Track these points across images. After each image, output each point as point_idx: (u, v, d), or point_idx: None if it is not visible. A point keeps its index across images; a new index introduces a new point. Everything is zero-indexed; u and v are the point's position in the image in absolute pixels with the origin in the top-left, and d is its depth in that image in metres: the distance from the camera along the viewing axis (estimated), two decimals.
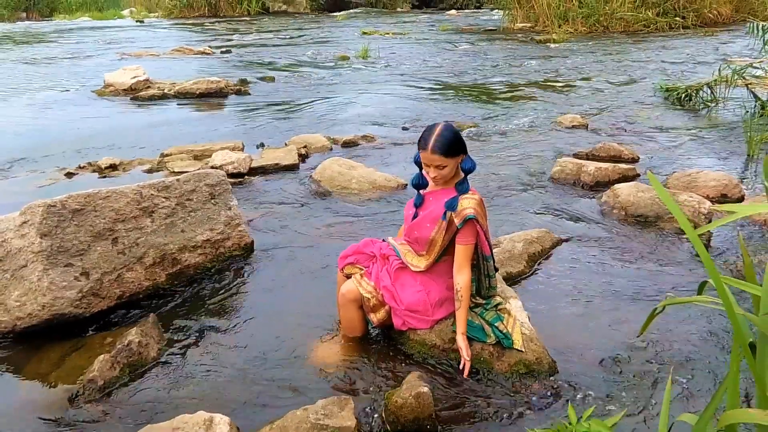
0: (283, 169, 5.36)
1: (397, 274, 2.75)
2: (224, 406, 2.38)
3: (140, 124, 7.35)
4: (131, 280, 3.19)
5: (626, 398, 2.42)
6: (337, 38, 16.63)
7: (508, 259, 3.49)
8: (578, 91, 8.99)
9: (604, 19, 16.78)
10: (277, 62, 12.21)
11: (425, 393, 2.29)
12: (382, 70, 11.17)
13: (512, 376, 2.56)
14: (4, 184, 5.09)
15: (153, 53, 13.43)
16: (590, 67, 11.01)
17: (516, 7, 18.65)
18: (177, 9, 26.11)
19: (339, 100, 8.54)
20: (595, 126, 6.83)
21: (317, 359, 2.72)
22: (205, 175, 3.68)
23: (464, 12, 27.45)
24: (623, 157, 5.50)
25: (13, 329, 2.85)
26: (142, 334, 2.74)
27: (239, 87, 9.15)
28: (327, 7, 28.26)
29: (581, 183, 4.88)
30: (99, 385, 2.50)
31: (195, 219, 3.55)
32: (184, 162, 5.44)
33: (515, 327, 2.67)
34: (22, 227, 2.97)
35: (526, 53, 13.01)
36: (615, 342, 2.80)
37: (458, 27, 19.52)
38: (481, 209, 2.61)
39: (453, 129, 2.59)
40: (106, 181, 5.09)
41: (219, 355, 2.75)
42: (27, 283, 2.88)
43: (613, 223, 4.13)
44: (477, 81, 9.99)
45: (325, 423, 2.21)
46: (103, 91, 9.13)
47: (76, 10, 30.07)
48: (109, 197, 3.22)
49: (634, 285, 3.32)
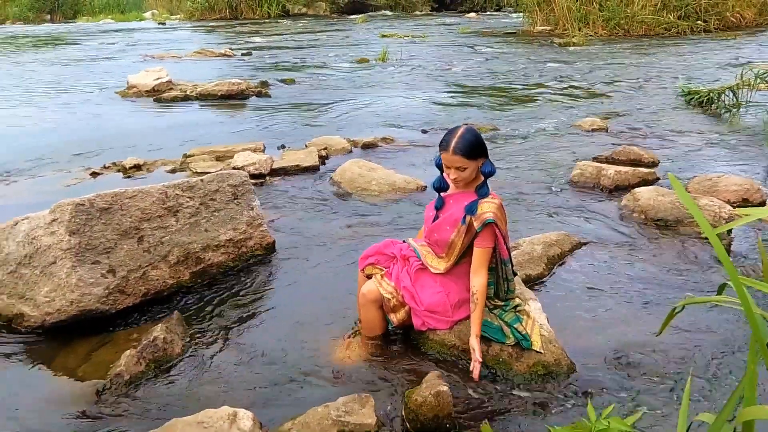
0: (303, 171, 5.41)
1: (417, 275, 2.78)
2: (247, 401, 2.43)
3: (163, 125, 7.46)
4: (156, 277, 3.25)
5: (645, 398, 2.43)
6: (357, 41, 16.70)
7: (528, 262, 3.51)
8: (598, 94, 8.97)
9: (624, 22, 16.67)
10: (297, 64, 12.30)
11: (445, 392, 2.31)
12: (402, 73, 11.21)
13: (531, 377, 2.58)
14: (32, 183, 5.20)
15: (175, 55, 13.59)
16: (610, 70, 10.96)
17: (536, 9, 18.59)
18: (198, 11, 26.36)
19: (358, 103, 8.59)
20: (615, 129, 6.81)
21: (338, 358, 2.76)
22: (228, 176, 3.75)
23: (484, 15, 27.43)
24: (643, 161, 5.48)
25: (43, 324, 2.92)
26: (167, 330, 2.80)
27: (260, 89, 9.23)
28: (346, 10, 28.36)
29: (601, 186, 4.88)
30: (125, 380, 2.56)
31: (218, 219, 3.61)
32: (206, 163, 5.52)
33: (534, 328, 2.69)
34: (51, 225, 3.04)
35: (545, 56, 12.98)
36: (634, 343, 2.82)
37: (478, 30, 19.51)
38: (500, 213, 2.63)
39: (475, 132, 2.62)
40: (131, 181, 5.18)
41: (242, 352, 2.80)
42: (56, 280, 2.96)
43: (633, 227, 4.13)
44: (496, 84, 10.00)
45: (346, 420, 2.25)
46: (126, 92, 9.26)
47: (99, 12, 30.47)
48: (136, 196, 3.29)
49: (653, 287, 3.32)
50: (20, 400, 2.52)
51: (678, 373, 2.60)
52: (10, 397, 2.54)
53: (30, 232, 3.08)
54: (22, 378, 2.67)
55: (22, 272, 3.04)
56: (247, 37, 18.22)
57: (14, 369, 2.73)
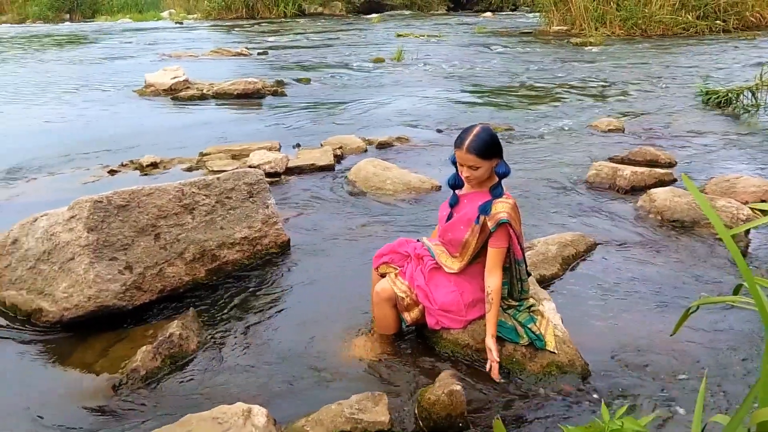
0: (318, 170, 5.44)
1: (431, 274, 2.78)
2: (261, 398, 2.45)
3: (180, 123, 7.52)
4: (172, 274, 3.29)
5: (660, 398, 2.42)
6: (372, 40, 16.72)
7: (542, 262, 3.51)
8: (615, 94, 8.92)
9: (642, 22, 16.56)
10: (312, 64, 12.34)
11: (458, 391, 2.32)
12: (417, 72, 11.21)
13: (544, 377, 2.57)
14: (51, 180, 5.27)
15: (192, 54, 13.68)
16: (627, 70, 10.89)
17: (552, 9, 18.51)
18: (215, 11, 26.53)
19: (374, 102, 8.60)
20: (631, 130, 6.77)
21: (352, 356, 2.77)
22: (244, 174, 3.77)
23: (500, 14, 27.34)
24: (660, 161, 5.44)
25: (61, 319, 2.96)
26: (182, 327, 2.83)
27: (276, 88, 9.27)
28: (362, 10, 28.40)
29: (617, 187, 4.86)
30: (141, 375, 2.59)
31: (234, 216, 3.64)
32: (222, 161, 5.55)
33: (548, 329, 2.68)
34: (70, 221, 3.08)
35: (562, 56, 12.92)
36: (649, 343, 2.80)
37: (494, 29, 19.45)
38: (514, 213, 2.63)
39: (491, 132, 2.62)
40: (148, 178, 5.23)
41: (256, 349, 2.82)
42: (74, 276, 2.99)
43: (649, 228, 4.10)
44: (512, 83, 9.97)
45: (360, 417, 2.26)
46: (143, 91, 9.35)
47: (117, 11, 30.74)
48: (153, 194, 3.32)
49: (668, 288, 3.30)
50: (39, 393, 2.56)
51: (693, 374, 2.59)
52: (29, 391, 2.58)
53: (49, 228, 3.12)
54: (40, 372, 2.71)
55: (41, 268, 3.08)
56: (263, 36, 18.31)
57: (33, 363, 2.77)
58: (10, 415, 2.43)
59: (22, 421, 2.40)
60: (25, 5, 29.84)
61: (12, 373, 2.71)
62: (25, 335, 2.97)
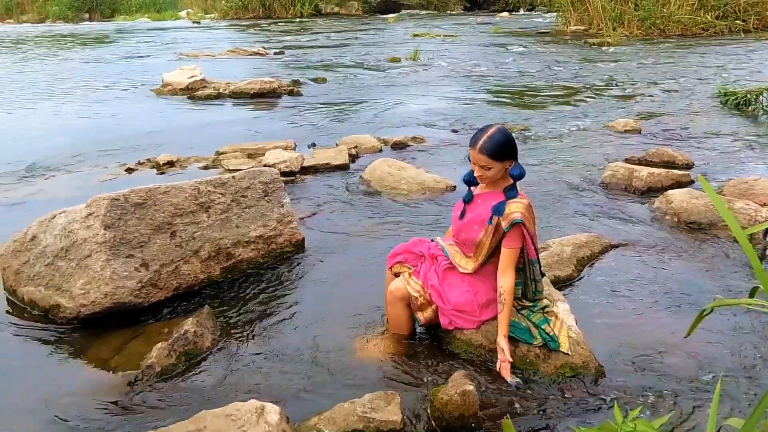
0: (333, 169, 5.45)
1: (445, 274, 2.78)
2: (275, 395, 2.46)
3: (196, 122, 7.58)
4: (188, 272, 3.31)
5: (674, 401, 2.41)
6: (388, 40, 16.73)
7: (557, 263, 3.49)
8: (632, 95, 8.85)
9: (660, 22, 16.43)
10: (328, 63, 12.37)
11: (471, 391, 2.31)
12: (433, 72, 11.20)
13: (558, 379, 2.56)
14: (69, 178, 5.33)
15: (209, 54, 13.77)
16: (645, 70, 10.81)
17: (569, 9, 18.41)
18: (232, 10, 26.70)
19: (389, 102, 8.61)
20: (648, 131, 6.72)
21: (365, 355, 2.78)
22: (259, 173, 3.79)
23: (516, 14, 27.24)
24: (677, 162, 5.40)
25: (78, 316, 2.99)
26: (197, 324, 2.85)
27: (292, 87, 9.31)
28: (379, 9, 28.43)
29: (633, 188, 4.82)
30: (156, 372, 2.62)
31: (249, 215, 3.66)
32: (238, 160, 5.59)
33: (562, 330, 2.67)
34: (87, 219, 3.12)
35: (579, 56, 12.85)
36: (664, 346, 2.78)
37: (510, 29, 19.39)
38: (528, 214, 2.62)
39: (506, 133, 2.61)
40: (164, 177, 5.27)
41: (270, 347, 2.84)
42: (91, 272, 3.03)
43: (665, 230, 4.07)
44: (528, 84, 9.93)
45: (372, 416, 2.27)
46: (161, 90, 9.42)
47: (136, 11, 31.01)
48: (169, 192, 3.35)
49: (684, 291, 3.28)
50: (55, 388, 2.59)
51: (708, 376, 2.57)
52: (46, 386, 2.61)
53: (67, 225, 3.16)
54: (57, 367, 2.74)
55: (58, 264, 3.12)
56: (279, 36, 18.38)
57: (50, 358, 2.80)
58: (27, 409, 2.47)
59: (38, 415, 2.43)
60: (45, 5, 30.20)
61: (29, 368, 2.74)
62: (42, 331, 3.00)
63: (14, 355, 2.84)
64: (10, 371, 2.73)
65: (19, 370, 2.73)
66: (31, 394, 2.56)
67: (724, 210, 1.06)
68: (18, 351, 2.86)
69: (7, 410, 2.47)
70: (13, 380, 2.67)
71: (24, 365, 2.76)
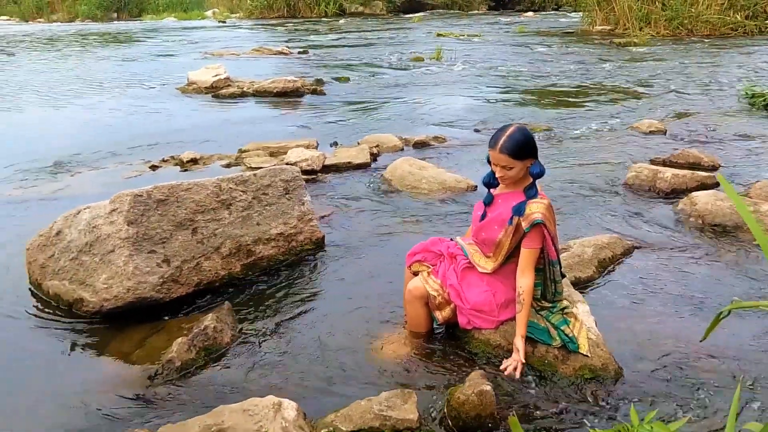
0: (354, 168, 5.46)
1: (463, 274, 2.77)
2: (292, 392, 2.48)
3: (220, 120, 7.64)
4: (208, 268, 3.34)
5: (692, 405, 2.37)
6: (412, 40, 16.72)
7: (577, 264, 3.46)
8: (658, 95, 8.74)
9: (688, 22, 16.19)
10: (352, 63, 12.39)
11: (488, 391, 2.31)
12: (456, 72, 11.17)
13: (576, 381, 2.54)
14: (95, 174, 5.41)
15: (234, 53, 13.87)
16: (672, 71, 10.67)
17: (595, 8, 18.24)
18: (257, 10, 26.89)
19: (411, 101, 8.60)
20: (674, 132, 6.63)
21: (383, 353, 2.78)
22: (280, 171, 3.82)
23: (542, 14, 27.05)
24: (702, 164, 5.32)
25: (100, 310, 3.04)
26: (217, 320, 2.87)
27: (315, 87, 9.34)
28: (403, 9, 28.41)
29: (656, 190, 4.76)
30: (176, 366, 2.65)
31: (270, 213, 3.68)
32: (260, 158, 5.62)
33: (581, 331, 2.65)
34: (111, 215, 3.16)
35: (604, 56, 12.72)
36: (684, 349, 2.75)
37: (535, 29, 19.26)
38: (549, 214, 2.60)
39: (526, 132, 2.60)
40: (187, 174, 5.33)
41: (289, 344, 2.86)
42: (114, 267, 3.07)
43: (689, 232, 4.02)
44: (552, 84, 9.86)
45: (388, 414, 2.27)
46: (186, 88, 9.52)
47: (163, 10, 31.36)
48: (191, 189, 3.38)
49: (706, 294, 3.23)
50: (78, 381, 2.63)
51: (727, 380, 2.53)
52: (69, 378, 2.66)
53: (91, 221, 3.21)
54: (80, 360, 2.79)
55: (83, 259, 3.16)
56: (304, 35, 18.47)
57: (74, 352, 2.85)
58: (50, 400, 2.52)
59: (60, 407, 2.47)
60: (74, 4, 30.67)
61: (53, 360, 2.79)
62: (66, 324, 3.05)
63: (39, 347, 2.89)
64: (34, 363, 2.78)
65: (44, 362, 2.78)
66: (54, 385, 2.61)
67: (746, 212, 1.04)
68: (42, 344, 2.92)
69: (31, 401, 2.52)
70: (38, 372, 2.72)
71: (48, 358, 2.81)
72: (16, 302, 3.27)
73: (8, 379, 2.68)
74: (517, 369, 2.52)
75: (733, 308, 1.17)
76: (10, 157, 5.92)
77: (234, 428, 2.16)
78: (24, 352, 2.87)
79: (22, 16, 31.82)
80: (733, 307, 1.16)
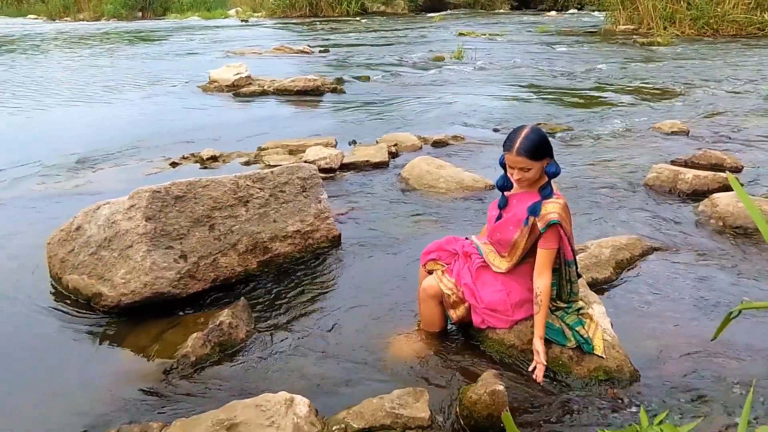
0: (372, 166, 5.47)
1: (478, 273, 2.76)
2: (305, 388, 2.49)
3: (240, 118, 7.70)
4: (225, 265, 3.37)
5: (708, 407, 2.34)
6: (433, 39, 16.69)
7: (594, 265, 3.43)
8: (681, 96, 8.63)
9: (714, 22, 15.97)
10: (373, 62, 12.40)
11: (500, 391, 2.30)
12: (476, 71, 11.13)
13: (591, 382, 2.52)
14: (117, 171, 5.47)
15: (255, 51, 13.95)
16: (696, 71, 10.53)
17: (619, 8, 18.06)
18: (280, 9, 27.02)
19: (431, 100, 8.59)
20: (696, 133, 6.54)
21: (396, 351, 2.78)
22: (297, 169, 3.83)
23: (565, 13, 26.84)
24: (725, 165, 5.24)
25: (118, 304, 3.07)
26: (232, 316, 2.90)
27: (335, 85, 9.36)
28: (424, 8, 28.37)
29: (677, 191, 4.70)
30: (191, 361, 2.67)
31: (286, 210, 3.70)
32: (279, 156, 5.65)
33: (597, 332, 2.63)
34: (129, 210, 3.20)
35: (627, 56, 12.59)
36: (700, 352, 2.71)
37: (557, 29, 19.12)
38: (565, 214, 2.58)
39: (540, 132, 2.59)
40: (207, 171, 5.37)
41: (303, 341, 2.87)
42: (132, 262, 3.11)
43: (709, 234, 3.96)
44: (574, 83, 9.78)
45: (400, 412, 2.27)
46: (207, 86, 9.60)
47: (187, 9, 31.63)
48: (208, 186, 3.41)
49: (725, 297, 3.18)
50: (95, 373, 2.67)
51: (744, 383, 2.49)
52: (87, 371, 2.70)
53: (110, 216, 3.25)
54: (98, 354, 2.83)
55: (101, 254, 3.20)
56: (325, 34, 18.52)
57: (92, 345, 2.89)
58: (67, 392, 2.56)
59: (77, 398, 2.51)
60: (100, 3, 31.07)
61: (71, 353, 2.84)
62: (84, 318, 3.10)
63: (58, 340, 2.94)
64: (54, 355, 2.83)
65: (62, 355, 2.83)
66: (71, 378, 2.65)
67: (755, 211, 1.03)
68: (61, 337, 2.96)
69: (50, 392, 2.56)
70: (56, 364, 2.76)
71: (66, 350, 2.86)
72: (37, 296, 3.32)
73: (28, 370, 2.73)
74: (540, 372, 2.51)
75: (743, 308, 1.15)
76: (36, 153, 6.02)
77: (246, 423, 2.18)
78: (44, 345, 2.91)
79: (49, 15, 32.32)
80: (744, 307, 1.15)
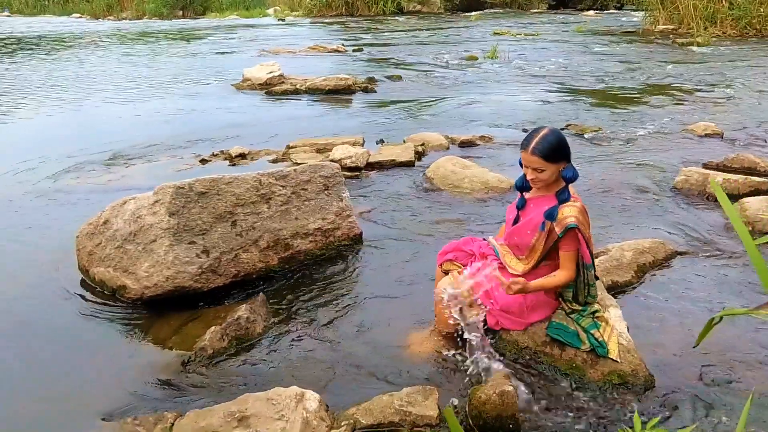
0: (398, 166, 5.48)
1: None
2: (316, 384, 2.52)
3: (271, 116, 7.80)
4: (246, 260, 3.43)
5: (713, 414, 2.31)
6: (468, 38, 16.63)
7: (615, 268, 3.40)
8: (718, 98, 8.44)
9: (756, 22, 15.56)
10: (406, 61, 12.41)
11: (510, 392, 2.30)
12: (510, 71, 11.05)
13: (604, 386, 2.50)
14: (148, 167, 5.60)
15: (290, 50, 14.09)
16: (735, 72, 10.28)
17: (659, 7, 17.72)
18: (316, 8, 27.20)
19: (462, 100, 8.57)
20: (731, 136, 6.40)
21: (409, 349, 2.80)
22: (320, 167, 3.87)
23: (603, 13, 26.47)
24: (759, 169, 5.12)
25: (141, 297, 3.16)
26: (250, 311, 2.95)
27: (366, 85, 9.41)
28: (461, 7, 28.25)
29: (706, 195, 4.61)
30: (208, 354, 2.73)
31: (308, 208, 3.74)
32: (306, 154, 5.71)
33: (612, 336, 2.61)
34: (154, 206, 3.28)
35: (665, 56, 12.37)
36: (718, 359, 2.67)
37: (595, 28, 18.87)
38: (582, 217, 2.57)
39: (558, 135, 2.57)
40: (235, 168, 5.46)
41: (317, 338, 2.91)
42: (155, 256, 3.18)
43: (736, 239, 3.88)
44: (607, 84, 9.65)
45: (408, 410, 2.29)
46: (241, 84, 9.74)
47: (226, 8, 32.08)
48: (232, 183, 3.48)
49: (749, 304, 3.11)
50: (117, 363, 2.76)
51: (760, 392, 2.45)
52: (110, 360, 2.78)
53: (136, 211, 3.33)
54: (120, 344, 2.91)
55: (127, 248, 3.29)
56: (360, 33, 18.59)
57: (115, 335, 2.98)
58: (90, 380, 2.65)
59: (99, 386, 2.60)
60: (142, 3, 31.72)
61: (95, 343, 2.93)
62: (109, 309, 3.19)
63: (84, 330, 3.04)
64: (79, 345, 2.93)
65: (87, 344, 2.93)
66: (94, 366, 2.75)
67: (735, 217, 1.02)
68: (87, 327, 3.06)
69: (74, 380, 2.66)
70: (81, 353, 2.86)
71: (91, 340, 2.95)
72: (66, 287, 3.43)
73: (53, 357, 2.82)
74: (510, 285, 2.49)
75: (724, 315, 1.14)
76: (74, 148, 6.19)
77: (257, 416, 2.22)
78: (70, 334, 3.02)
79: (93, 14, 33.13)
80: (725, 313, 1.14)
